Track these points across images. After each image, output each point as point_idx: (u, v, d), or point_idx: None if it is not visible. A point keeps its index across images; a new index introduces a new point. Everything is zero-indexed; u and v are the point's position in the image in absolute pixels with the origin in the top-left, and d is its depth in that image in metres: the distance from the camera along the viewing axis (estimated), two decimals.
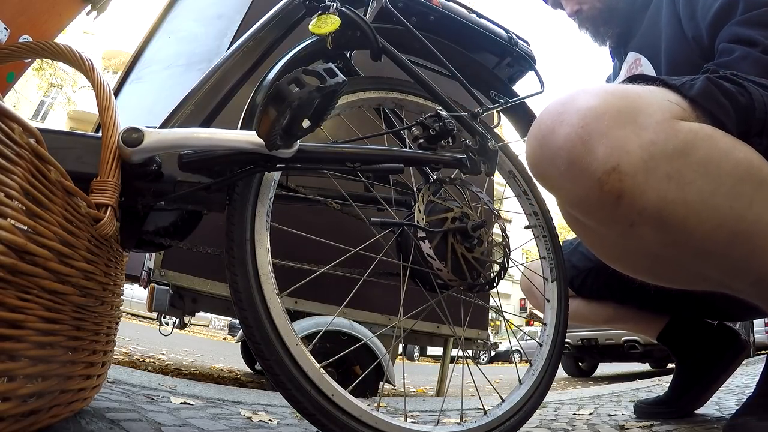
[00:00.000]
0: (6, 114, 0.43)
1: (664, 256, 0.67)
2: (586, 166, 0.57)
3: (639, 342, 4.85)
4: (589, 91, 0.61)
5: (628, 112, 0.58)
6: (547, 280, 1.03)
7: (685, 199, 0.56)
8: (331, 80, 0.57)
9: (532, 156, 0.65)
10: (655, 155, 0.56)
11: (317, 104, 0.61)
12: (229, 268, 0.65)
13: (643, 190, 0.56)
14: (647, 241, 0.62)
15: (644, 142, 0.56)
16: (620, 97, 0.60)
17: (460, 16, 1.03)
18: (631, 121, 0.57)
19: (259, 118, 0.57)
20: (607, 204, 0.58)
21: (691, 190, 0.56)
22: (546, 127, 0.61)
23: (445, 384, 2.83)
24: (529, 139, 0.65)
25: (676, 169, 0.56)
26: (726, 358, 1.11)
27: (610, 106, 0.58)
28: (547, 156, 0.62)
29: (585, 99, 0.59)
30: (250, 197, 0.68)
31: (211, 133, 0.65)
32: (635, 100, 0.60)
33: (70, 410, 0.63)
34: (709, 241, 0.59)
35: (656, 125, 0.57)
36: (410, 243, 0.82)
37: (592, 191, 0.58)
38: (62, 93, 13.91)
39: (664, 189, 0.56)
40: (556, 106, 0.62)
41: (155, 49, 2.35)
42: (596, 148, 0.56)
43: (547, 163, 0.62)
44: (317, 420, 0.63)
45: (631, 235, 0.61)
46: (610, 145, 0.56)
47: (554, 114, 0.61)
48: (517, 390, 0.87)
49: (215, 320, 14.47)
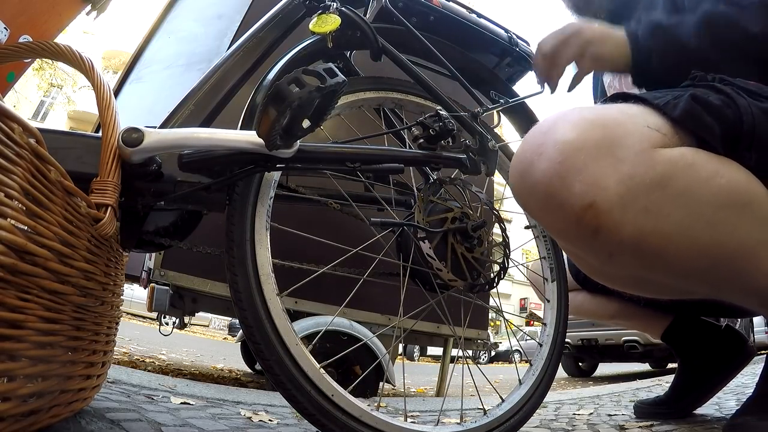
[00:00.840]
0: (6, 114, 0.43)
1: (648, 279, 0.67)
2: (563, 201, 0.58)
3: (639, 342, 4.85)
4: (568, 119, 0.61)
5: (605, 144, 0.58)
6: (547, 280, 1.03)
7: (663, 231, 0.57)
8: (331, 80, 0.57)
9: (514, 187, 0.66)
10: (632, 189, 0.56)
11: (317, 104, 0.61)
12: (229, 268, 0.65)
13: (619, 225, 0.56)
14: (628, 267, 0.63)
15: (622, 176, 0.56)
16: (599, 126, 0.59)
17: (460, 16, 1.03)
18: (609, 154, 0.57)
19: (259, 118, 0.57)
20: (585, 237, 0.59)
21: (668, 222, 0.57)
22: (526, 159, 0.62)
23: (445, 384, 2.83)
24: (511, 170, 0.66)
25: (653, 201, 0.57)
26: (733, 365, 1.10)
27: (588, 138, 0.58)
28: (526, 189, 0.63)
29: (563, 131, 0.59)
30: (250, 197, 0.68)
31: (211, 133, 0.65)
32: (613, 130, 0.59)
33: (70, 410, 0.63)
34: (690, 267, 0.60)
35: (634, 157, 0.57)
36: (410, 243, 0.82)
37: (570, 225, 0.59)
38: (62, 93, 13.91)
39: (641, 222, 0.56)
40: (536, 136, 0.63)
41: (155, 49, 2.35)
42: (573, 184, 0.57)
43: (527, 196, 0.63)
44: (317, 420, 0.63)
45: (611, 263, 0.62)
46: (587, 182, 0.56)
47: (534, 146, 0.62)
48: (517, 390, 0.88)
49: (215, 320, 14.47)
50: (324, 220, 1.44)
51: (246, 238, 0.66)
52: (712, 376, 1.11)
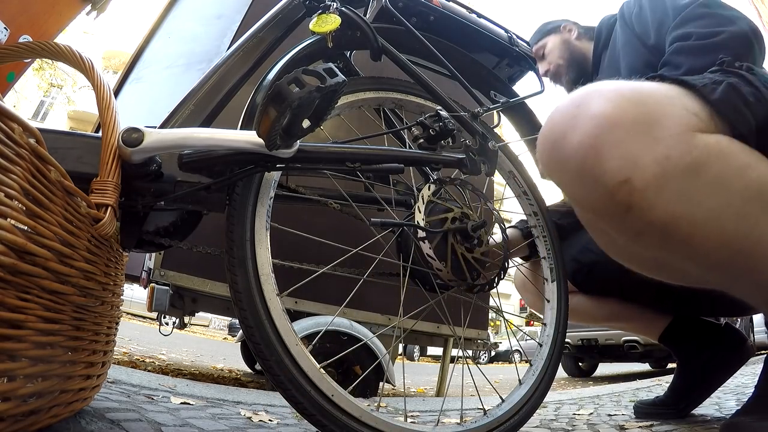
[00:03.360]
0: (6, 114, 0.43)
1: (669, 264, 0.67)
2: (597, 176, 0.57)
3: (639, 342, 4.84)
4: (603, 93, 0.60)
5: (643, 122, 0.57)
6: (547, 280, 1.03)
7: (693, 218, 0.56)
8: (331, 80, 0.57)
9: (543, 157, 0.65)
10: (667, 171, 0.55)
11: (317, 104, 0.61)
12: (229, 269, 0.65)
13: (652, 205, 0.56)
14: (653, 249, 0.63)
15: (658, 156, 0.55)
16: (636, 103, 0.58)
17: (460, 16, 1.03)
18: (646, 132, 0.56)
19: (259, 118, 0.57)
20: (616, 213, 0.58)
21: (699, 210, 0.56)
22: (559, 130, 0.61)
23: (445, 384, 2.83)
24: (541, 139, 0.64)
25: (687, 187, 0.56)
26: (732, 363, 1.10)
27: (625, 114, 0.57)
28: (558, 161, 0.62)
29: (599, 104, 0.58)
30: (250, 197, 0.68)
31: (211, 132, 0.65)
32: (652, 109, 0.59)
33: (70, 410, 0.63)
34: (712, 255, 0.59)
35: (671, 139, 0.56)
36: (410, 243, 0.82)
37: (602, 200, 0.58)
38: (62, 93, 13.89)
39: (673, 206, 0.56)
40: (569, 107, 0.61)
41: (155, 49, 2.35)
42: (608, 159, 0.56)
43: (559, 167, 0.62)
44: (317, 420, 0.63)
45: (637, 242, 0.62)
46: (623, 158, 0.55)
47: (567, 116, 0.60)
48: (517, 390, 0.87)
49: (215, 320, 14.46)
50: (324, 220, 1.43)
51: (246, 238, 0.66)
52: (711, 375, 1.11)
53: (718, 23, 0.86)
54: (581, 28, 1.26)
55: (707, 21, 0.87)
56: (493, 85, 1.08)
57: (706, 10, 0.90)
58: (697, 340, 1.13)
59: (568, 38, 1.24)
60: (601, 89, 0.61)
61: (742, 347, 1.10)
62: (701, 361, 1.11)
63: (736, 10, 0.91)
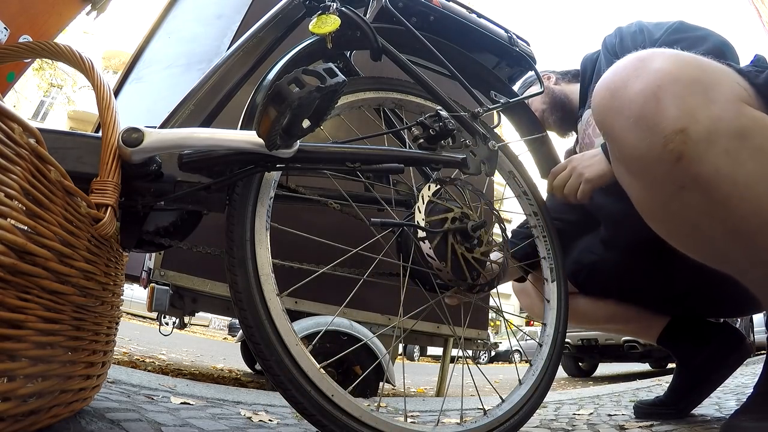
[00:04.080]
0: (6, 114, 0.43)
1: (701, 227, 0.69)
2: (655, 122, 0.61)
3: (639, 342, 4.85)
4: (666, 54, 0.64)
5: (702, 82, 0.61)
6: (547, 280, 1.02)
7: (735, 178, 0.60)
8: (331, 80, 0.57)
9: (600, 105, 0.68)
10: (719, 129, 0.59)
11: (317, 104, 0.61)
12: (229, 269, 0.65)
13: (701, 158, 0.59)
14: (690, 207, 0.65)
15: (712, 114, 0.59)
16: (696, 67, 0.63)
17: (460, 16, 1.03)
18: (703, 92, 0.61)
19: (259, 118, 0.57)
20: (666, 162, 0.62)
21: (742, 171, 0.60)
22: (620, 78, 0.65)
23: (445, 384, 2.83)
24: (599, 88, 0.68)
25: (734, 147, 0.60)
26: (730, 362, 1.10)
27: (685, 73, 0.62)
28: (617, 106, 0.65)
29: (662, 61, 0.63)
30: (250, 197, 0.68)
31: (211, 133, 0.65)
32: (709, 74, 0.63)
33: (70, 410, 0.63)
34: (743, 222, 0.62)
35: (725, 102, 0.61)
36: (410, 243, 0.82)
37: (655, 147, 0.62)
38: (62, 93, 13.89)
39: (720, 162, 0.59)
40: (632, 61, 0.65)
41: (155, 49, 2.36)
42: (668, 107, 0.60)
43: (616, 113, 0.66)
44: (317, 420, 0.63)
45: (678, 197, 0.65)
46: (682, 108, 0.59)
47: (630, 68, 0.64)
48: (517, 390, 0.87)
49: (215, 320, 14.47)
50: (324, 220, 1.43)
51: (246, 238, 0.66)
52: (711, 374, 1.11)
53: (689, 46, 0.90)
54: (558, 74, 1.37)
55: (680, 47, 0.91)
56: (493, 85, 1.08)
57: (676, 36, 0.96)
58: (695, 340, 1.13)
59: (546, 85, 1.33)
60: (664, 51, 0.65)
61: (741, 346, 1.10)
62: (700, 361, 1.11)
63: (705, 29, 0.96)
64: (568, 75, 1.36)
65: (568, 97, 1.31)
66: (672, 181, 0.64)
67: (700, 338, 1.13)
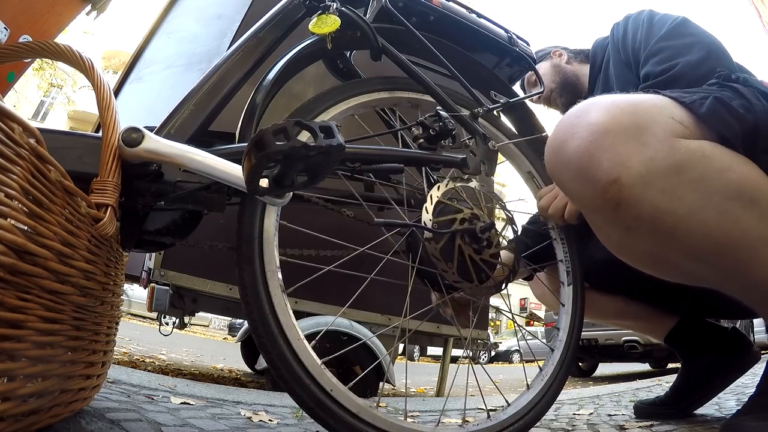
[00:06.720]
0: (6, 114, 0.43)
1: (660, 256, 0.72)
2: (592, 176, 0.65)
3: (639, 342, 4.84)
4: (601, 104, 0.68)
5: (633, 128, 0.65)
6: (563, 283, 0.99)
7: (676, 212, 0.64)
8: (324, 141, 0.52)
9: (548, 162, 0.74)
10: (652, 170, 0.63)
11: (312, 161, 0.54)
12: (238, 264, 0.66)
13: (638, 200, 0.63)
14: (642, 242, 0.69)
15: (644, 158, 0.63)
16: (628, 113, 0.67)
17: (460, 16, 1.03)
18: (635, 137, 0.64)
19: (243, 158, 0.53)
20: (608, 209, 0.66)
21: (681, 204, 0.63)
22: (560, 138, 0.70)
23: (445, 384, 2.83)
24: (547, 147, 0.73)
25: (670, 183, 0.63)
26: (735, 368, 1.10)
27: (617, 122, 0.65)
28: (560, 164, 0.70)
29: (596, 114, 0.67)
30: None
31: (204, 156, 0.63)
32: (641, 117, 0.66)
33: (70, 410, 0.63)
34: (697, 248, 0.66)
35: (657, 143, 0.64)
36: (417, 244, 0.81)
37: (596, 197, 0.66)
38: (62, 93, 13.89)
39: (658, 201, 0.63)
40: (570, 119, 0.70)
41: (155, 49, 2.35)
42: (601, 161, 0.64)
43: (561, 170, 0.71)
44: (315, 413, 0.64)
45: (628, 236, 0.69)
46: (613, 160, 0.63)
47: (568, 125, 0.69)
48: (524, 395, 0.85)
49: (215, 320, 14.46)
50: (329, 220, 1.43)
51: (255, 235, 0.67)
52: (714, 378, 1.10)
53: (673, 55, 0.92)
54: (570, 52, 1.32)
55: (663, 56, 0.94)
56: (493, 85, 1.07)
57: (663, 44, 0.96)
58: (703, 343, 1.13)
59: (558, 63, 1.30)
60: (599, 101, 0.69)
61: (747, 352, 1.10)
62: (705, 364, 1.11)
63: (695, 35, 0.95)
64: (581, 54, 1.29)
65: (579, 78, 1.26)
66: (617, 224, 0.68)
67: (707, 341, 1.12)
